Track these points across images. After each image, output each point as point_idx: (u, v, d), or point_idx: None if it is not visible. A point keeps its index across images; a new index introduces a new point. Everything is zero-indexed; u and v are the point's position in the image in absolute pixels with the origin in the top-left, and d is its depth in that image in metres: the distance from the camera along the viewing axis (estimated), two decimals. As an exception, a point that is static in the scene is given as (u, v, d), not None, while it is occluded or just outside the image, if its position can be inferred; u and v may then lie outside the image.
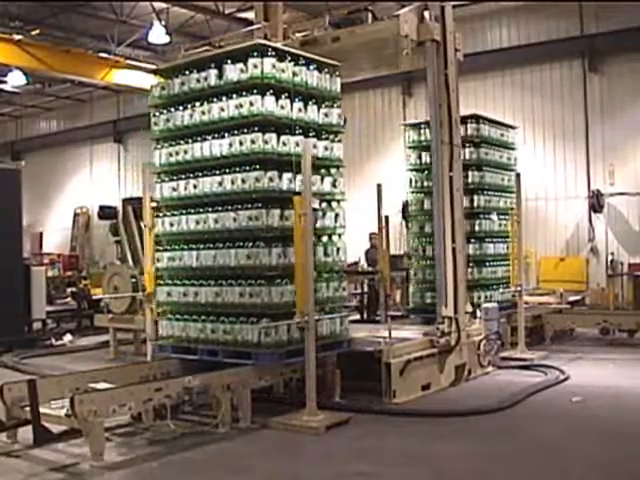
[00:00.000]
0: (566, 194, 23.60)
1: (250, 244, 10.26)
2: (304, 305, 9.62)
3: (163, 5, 24.37)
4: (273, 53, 10.40)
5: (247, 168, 10.27)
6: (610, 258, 22.65)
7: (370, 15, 12.71)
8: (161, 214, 11.40)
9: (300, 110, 10.74)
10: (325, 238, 11.03)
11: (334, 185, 11.19)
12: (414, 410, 10.48)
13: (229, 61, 10.57)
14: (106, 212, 25.90)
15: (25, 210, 19.99)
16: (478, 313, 13.62)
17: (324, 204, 10.94)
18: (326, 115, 11.22)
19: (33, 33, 25.25)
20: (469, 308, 13.03)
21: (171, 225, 11.19)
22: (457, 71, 12.79)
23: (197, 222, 10.85)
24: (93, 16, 25.53)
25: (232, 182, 10.39)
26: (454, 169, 12.46)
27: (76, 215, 37.69)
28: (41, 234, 38.93)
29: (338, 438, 9.18)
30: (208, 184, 10.71)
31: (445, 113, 12.44)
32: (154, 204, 11.89)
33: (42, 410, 8.70)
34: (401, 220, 26.01)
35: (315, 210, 10.35)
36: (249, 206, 10.28)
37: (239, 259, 10.27)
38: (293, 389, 10.68)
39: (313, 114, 10.98)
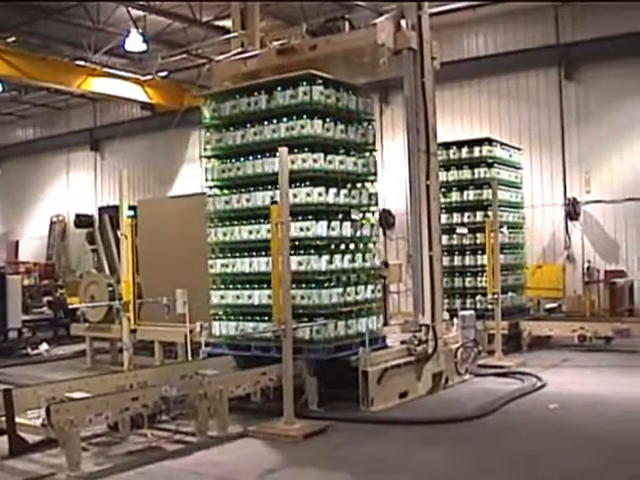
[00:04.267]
0: (542, 201, 23.68)
1: (301, 251, 11.32)
2: (281, 313, 9.63)
3: (140, 13, 24.26)
4: (320, 81, 11.53)
5: (298, 184, 11.20)
6: (586, 265, 22.74)
7: (347, 24, 12.73)
8: (212, 225, 12.48)
9: (342, 131, 11.97)
10: (362, 245, 12.17)
11: (370, 198, 12.29)
12: (392, 418, 10.50)
13: (279, 88, 11.75)
14: (83, 220, 25.84)
15: (1, 218, 19.89)
16: (455, 321, 13.71)
17: (360, 215, 12.03)
18: (363, 135, 12.44)
19: (9, 40, 25.10)
20: (446, 316, 13.09)
21: (224, 235, 12.31)
22: (434, 79, 12.82)
23: (250, 232, 11.98)
24: (69, 23, 25.34)
25: None
26: (431, 177, 12.47)
27: (52, 223, 37.45)
28: (17, 242, 38.66)
29: (316, 446, 9.19)
30: (260, 198, 11.83)
31: (422, 121, 12.48)
32: (131, 212, 12.01)
33: (18, 420, 8.66)
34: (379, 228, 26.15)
35: (355, 221, 11.91)
36: (300, 218, 11.32)
37: (291, 265, 10.73)
38: (270, 398, 10.66)
39: (353, 135, 12.21)
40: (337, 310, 11.44)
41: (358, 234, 12.02)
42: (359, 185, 12.27)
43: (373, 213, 12.50)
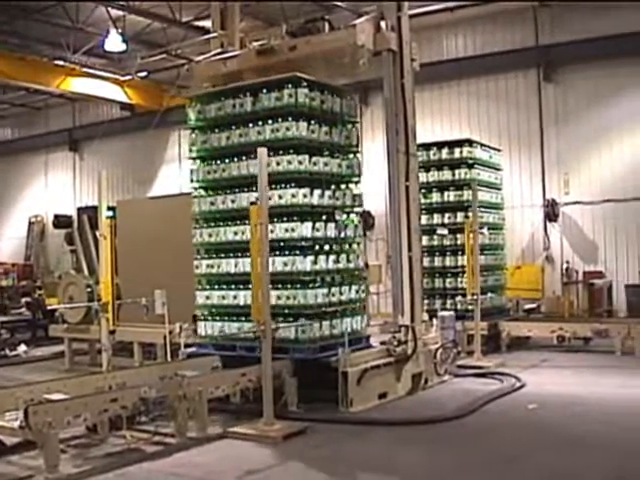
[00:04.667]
0: (522, 203, 23.77)
1: (286, 252, 11.52)
2: (260, 314, 9.62)
3: (119, 12, 24.14)
4: (305, 84, 11.67)
5: (283, 185, 11.37)
6: (565, 266, 22.86)
7: (327, 24, 12.74)
8: (197, 226, 12.59)
9: (327, 133, 12.12)
10: (346, 246, 12.35)
11: (354, 199, 12.42)
12: (371, 419, 10.50)
13: (264, 90, 11.88)
14: (61, 221, 25.79)
15: (-22, 219, 19.79)
16: (434, 321, 13.74)
17: (345, 216, 12.15)
18: (347, 137, 12.60)
19: (-13, 40, 24.97)
20: (426, 316, 13.12)
21: (209, 236, 12.43)
22: (413, 80, 12.84)
23: (235, 233, 12.10)
24: (48, 23, 25.18)
25: (269, 198, 11.11)
26: (410, 178, 12.49)
27: (31, 224, 37.22)
28: (-5, 243, 38.51)
29: (295, 447, 9.18)
30: (245, 199, 11.83)
31: (401, 122, 12.49)
32: (110, 213, 11.99)
33: (-5, 422, 8.61)
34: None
35: (338, 222, 12.04)
36: (285, 219, 11.53)
37: (276, 266, 11.14)
38: (250, 398, 10.65)
39: (337, 137, 12.36)
40: (322, 310, 11.56)
41: (342, 235, 12.13)
42: (343, 186, 12.40)
43: (357, 214, 12.61)
